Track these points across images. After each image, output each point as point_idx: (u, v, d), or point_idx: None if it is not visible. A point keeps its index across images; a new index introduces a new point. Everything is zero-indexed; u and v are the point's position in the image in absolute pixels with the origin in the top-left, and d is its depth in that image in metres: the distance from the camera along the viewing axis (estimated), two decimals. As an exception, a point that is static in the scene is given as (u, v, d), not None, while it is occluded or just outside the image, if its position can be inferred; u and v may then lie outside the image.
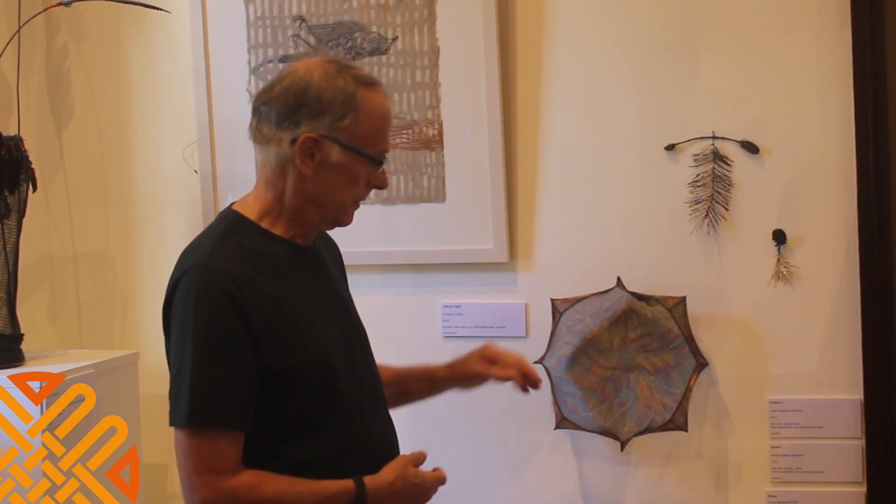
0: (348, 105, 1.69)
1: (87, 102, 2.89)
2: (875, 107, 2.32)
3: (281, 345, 1.67)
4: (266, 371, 1.66)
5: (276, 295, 1.68)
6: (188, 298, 1.65)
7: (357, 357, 1.82)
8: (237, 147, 2.69)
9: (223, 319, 1.63)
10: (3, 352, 2.43)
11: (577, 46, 2.53)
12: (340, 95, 1.69)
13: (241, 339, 1.64)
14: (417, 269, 2.66)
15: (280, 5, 2.65)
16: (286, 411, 1.69)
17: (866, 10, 2.31)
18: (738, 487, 2.50)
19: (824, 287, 2.42)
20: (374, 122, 1.72)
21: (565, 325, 2.50)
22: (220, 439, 1.63)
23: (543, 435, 2.59)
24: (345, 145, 1.70)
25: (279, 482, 1.65)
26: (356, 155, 1.71)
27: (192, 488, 1.63)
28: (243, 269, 1.67)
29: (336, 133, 1.69)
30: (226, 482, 1.62)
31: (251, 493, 1.63)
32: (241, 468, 1.64)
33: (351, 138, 1.70)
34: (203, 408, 1.62)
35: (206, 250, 1.69)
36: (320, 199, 1.74)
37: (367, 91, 1.72)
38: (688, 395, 2.42)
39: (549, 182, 2.57)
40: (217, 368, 1.63)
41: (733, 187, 2.45)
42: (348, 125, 1.69)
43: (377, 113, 1.72)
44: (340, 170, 1.71)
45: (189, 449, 1.63)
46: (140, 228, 2.88)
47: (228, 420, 1.63)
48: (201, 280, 1.64)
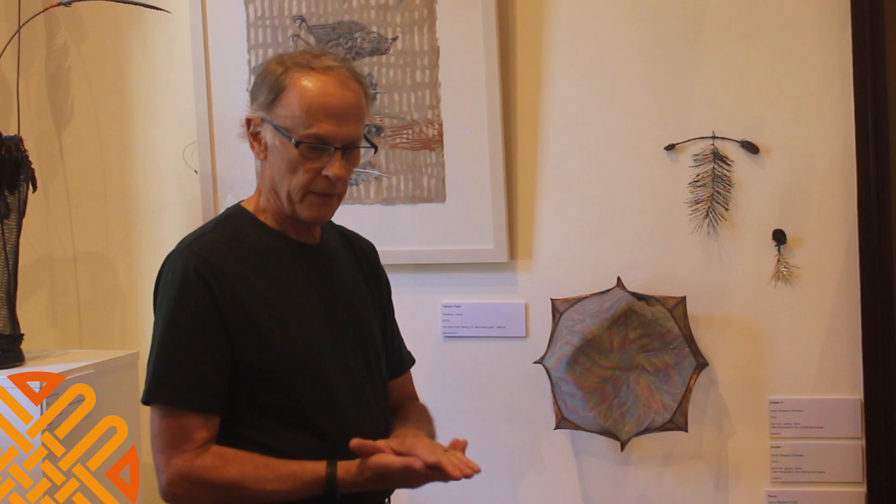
0: (277, 86, 1.70)
1: (87, 102, 2.89)
2: (875, 107, 2.32)
3: (257, 335, 1.68)
4: (241, 359, 1.67)
5: (256, 285, 1.69)
6: (164, 280, 1.71)
7: (354, 356, 1.81)
8: (237, 147, 2.67)
9: (190, 301, 1.66)
10: (3, 352, 2.43)
11: (577, 46, 2.53)
12: (271, 76, 1.71)
13: (209, 322, 1.65)
14: (417, 269, 2.65)
15: (280, 5, 2.65)
16: (263, 400, 1.69)
17: (866, 10, 2.31)
18: (738, 487, 2.50)
19: (824, 287, 2.42)
20: (303, 102, 1.69)
21: (565, 325, 2.49)
22: (185, 419, 1.64)
23: (543, 435, 2.59)
24: (275, 126, 1.70)
25: (244, 464, 1.64)
26: (284, 138, 1.70)
27: (158, 467, 1.66)
28: (225, 255, 1.69)
29: (269, 115, 1.71)
30: (189, 461, 1.63)
31: (213, 474, 1.63)
32: (206, 449, 1.64)
33: (281, 121, 1.70)
34: (164, 387, 1.65)
35: (193, 236, 1.75)
36: (275, 185, 1.74)
37: (304, 73, 1.70)
38: (688, 395, 2.42)
39: (549, 182, 2.57)
40: (180, 349, 1.65)
41: (733, 187, 2.45)
42: (279, 107, 1.70)
43: (310, 95, 1.69)
44: (277, 153, 1.72)
45: (156, 428, 1.66)
46: (140, 228, 2.88)
47: (190, 400, 1.64)
48: (177, 263, 1.69)
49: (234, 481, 1.64)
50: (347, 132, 1.70)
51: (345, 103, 1.70)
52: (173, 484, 1.65)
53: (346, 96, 1.70)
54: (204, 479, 1.64)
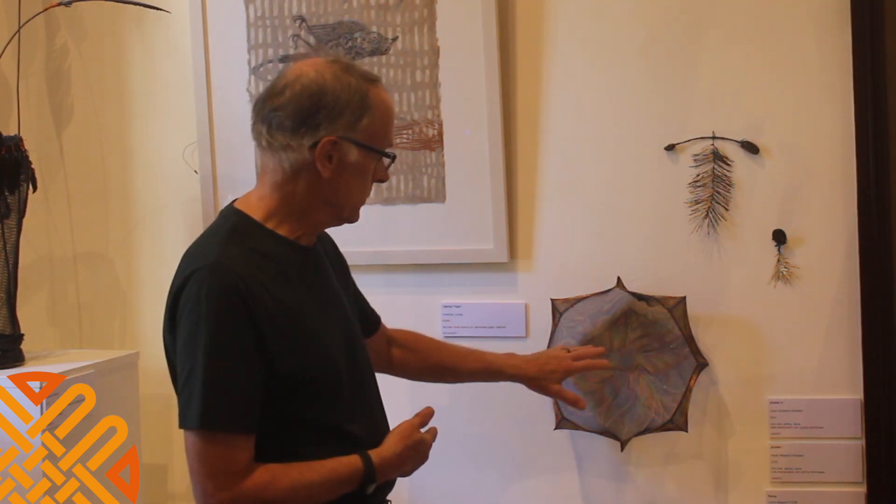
0: (363, 105, 1.70)
1: (87, 102, 2.89)
2: (875, 107, 2.32)
3: (287, 348, 1.67)
4: (271, 374, 1.65)
5: (281, 297, 1.68)
6: (199, 298, 1.62)
7: (357, 355, 1.83)
8: (237, 147, 2.70)
9: (234, 320, 1.62)
10: (3, 352, 2.43)
11: (577, 46, 2.53)
12: (356, 96, 1.70)
13: (249, 340, 1.63)
14: (417, 269, 2.65)
15: (280, 5, 2.65)
16: (292, 414, 1.69)
17: (866, 10, 2.31)
18: (738, 487, 2.50)
19: (824, 287, 2.42)
20: (385, 118, 1.74)
21: (565, 326, 2.50)
22: (233, 442, 1.62)
23: (543, 435, 2.59)
24: (362, 145, 1.71)
25: (291, 474, 1.65)
26: (371, 153, 1.73)
27: (206, 492, 1.61)
28: (250, 269, 1.66)
29: (353, 134, 1.70)
30: (240, 484, 1.61)
31: (267, 492, 1.62)
32: (253, 467, 1.63)
33: (367, 137, 1.71)
34: (215, 411, 1.61)
35: (215, 250, 1.67)
36: (336, 199, 1.74)
37: (375, 88, 1.73)
38: (688, 395, 2.42)
39: (549, 182, 2.57)
40: (229, 371, 1.62)
41: (733, 187, 2.45)
42: (364, 125, 1.71)
43: (386, 108, 1.75)
44: (357, 169, 1.73)
45: (202, 453, 1.61)
46: (140, 228, 2.88)
47: (239, 423, 1.62)
48: (213, 280, 1.62)
49: (287, 493, 1.64)
50: None
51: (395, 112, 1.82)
52: None
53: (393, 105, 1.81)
54: (261, 499, 1.62)
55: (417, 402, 2.15)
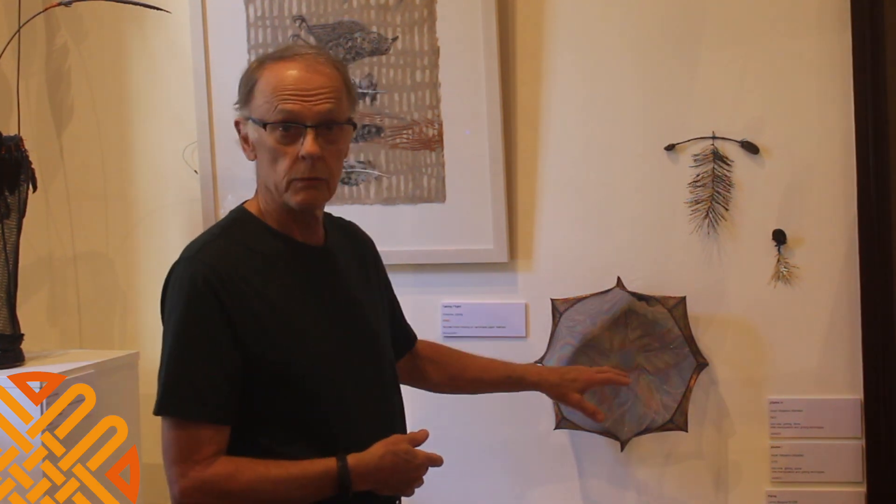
0: (250, 81, 1.74)
1: (87, 102, 2.89)
2: (875, 107, 2.32)
3: (266, 341, 1.67)
4: (253, 367, 1.66)
5: (263, 291, 1.69)
6: (173, 290, 1.69)
7: (364, 357, 1.81)
8: (237, 147, 2.69)
9: (201, 312, 1.65)
10: (3, 352, 2.43)
11: (577, 46, 2.53)
12: (247, 74, 1.76)
13: (219, 332, 1.65)
14: (417, 269, 2.65)
15: (280, 5, 2.65)
16: (275, 407, 1.69)
17: (866, 10, 2.31)
18: (738, 487, 2.50)
19: (824, 287, 2.42)
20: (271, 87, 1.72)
21: (565, 326, 2.49)
22: (196, 430, 1.64)
23: (543, 435, 2.59)
24: (253, 120, 1.73)
25: (256, 469, 1.65)
26: (261, 127, 1.72)
27: (171, 479, 1.66)
28: (233, 263, 1.69)
29: (248, 111, 1.74)
30: (201, 472, 1.63)
31: (227, 483, 1.63)
32: (217, 458, 1.64)
33: (256, 112, 1.73)
34: (175, 398, 1.65)
35: (199, 244, 1.73)
36: (266, 182, 1.76)
37: (272, 63, 1.74)
38: (688, 395, 2.42)
39: (549, 182, 2.57)
40: (192, 359, 1.65)
41: (733, 187, 2.45)
42: (254, 101, 1.73)
43: (274, 78, 1.72)
44: (261, 147, 1.74)
45: (167, 439, 1.66)
46: (140, 228, 2.88)
47: (202, 411, 1.64)
48: (185, 272, 1.68)
49: (250, 486, 1.64)
50: (319, 111, 1.70)
51: (313, 83, 1.71)
52: (187, 495, 1.64)
53: (313, 77, 1.71)
54: (219, 489, 1.64)
55: (417, 404, 2.15)
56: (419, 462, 1.74)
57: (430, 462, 1.76)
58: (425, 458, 1.75)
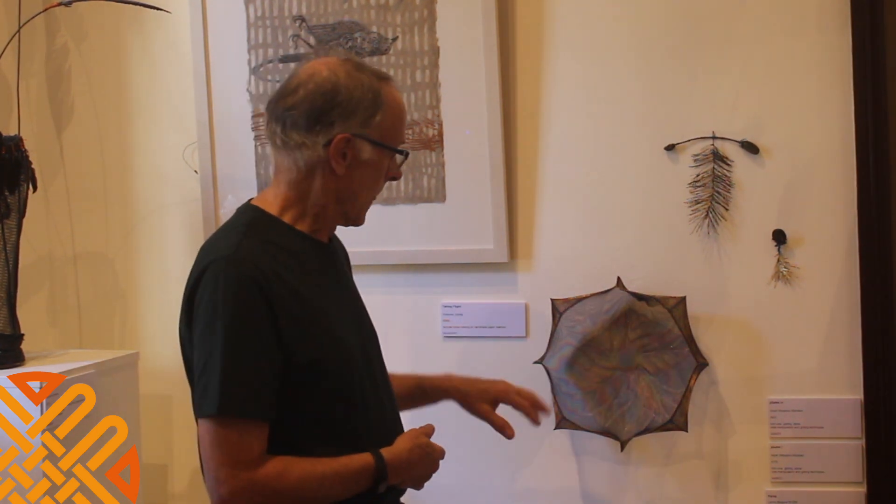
0: (376, 102, 1.72)
1: (87, 102, 2.89)
2: (875, 107, 2.32)
3: (304, 340, 1.67)
4: (289, 365, 1.66)
5: (298, 289, 1.69)
6: (216, 289, 1.63)
7: (371, 353, 1.83)
8: (237, 147, 2.70)
9: (252, 310, 1.62)
10: (3, 352, 2.43)
11: (577, 46, 2.53)
12: (368, 93, 1.72)
13: (267, 330, 1.63)
14: (417, 269, 2.65)
15: (280, 5, 2.65)
16: (308, 406, 1.69)
17: (866, 10, 2.31)
18: (738, 487, 2.50)
19: (824, 287, 2.42)
20: (397, 115, 1.76)
21: (565, 326, 2.49)
22: (248, 430, 1.62)
23: (543, 435, 2.58)
24: (375, 142, 1.72)
25: (303, 466, 1.65)
26: (385, 150, 1.74)
27: (219, 480, 1.61)
28: (268, 261, 1.67)
29: (367, 131, 1.72)
30: (252, 473, 1.61)
31: (277, 482, 1.62)
32: (266, 458, 1.63)
33: (380, 135, 1.73)
34: (234, 398, 1.61)
35: (232, 242, 1.68)
36: (347, 197, 1.75)
37: (387, 86, 1.75)
38: (688, 395, 2.42)
39: (549, 182, 2.57)
40: (247, 359, 1.62)
41: (733, 187, 2.45)
42: (377, 122, 1.72)
43: (398, 106, 1.77)
44: (370, 167, 1.74)
45: (216, 440, 1.61)
46: (140, 228, 2.88)
47: (256, 410, 1.63)
48: (229, 271, 1.63)
49: (299, 484, 1.64)
50: None
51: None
52: (237, 495, 1.61)
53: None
54: (270, 488, 1.62)
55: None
56: (438, 454, 1.81)
57: (443, 454, 1.82)
58: (441, 451, 1.81)
